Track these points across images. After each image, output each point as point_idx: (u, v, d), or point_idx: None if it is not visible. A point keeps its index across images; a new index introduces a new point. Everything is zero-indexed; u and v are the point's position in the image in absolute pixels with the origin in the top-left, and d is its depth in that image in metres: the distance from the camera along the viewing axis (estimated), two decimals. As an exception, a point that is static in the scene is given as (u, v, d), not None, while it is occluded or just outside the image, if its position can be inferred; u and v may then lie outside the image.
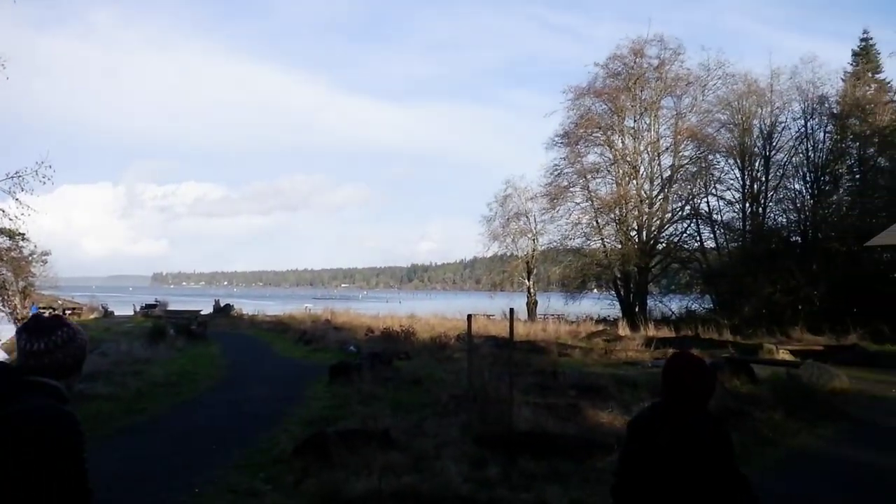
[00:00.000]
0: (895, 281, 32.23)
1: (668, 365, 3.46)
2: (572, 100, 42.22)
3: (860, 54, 41.33)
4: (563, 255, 44.05)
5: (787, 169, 37.40)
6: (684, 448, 3.22)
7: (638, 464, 3.38)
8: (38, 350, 2.63)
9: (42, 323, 2.72)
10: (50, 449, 2.45)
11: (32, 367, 2.61)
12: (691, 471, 3.20)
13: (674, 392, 3.34)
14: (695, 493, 3.19)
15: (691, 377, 3.33)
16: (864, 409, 12.39)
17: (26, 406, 2.49)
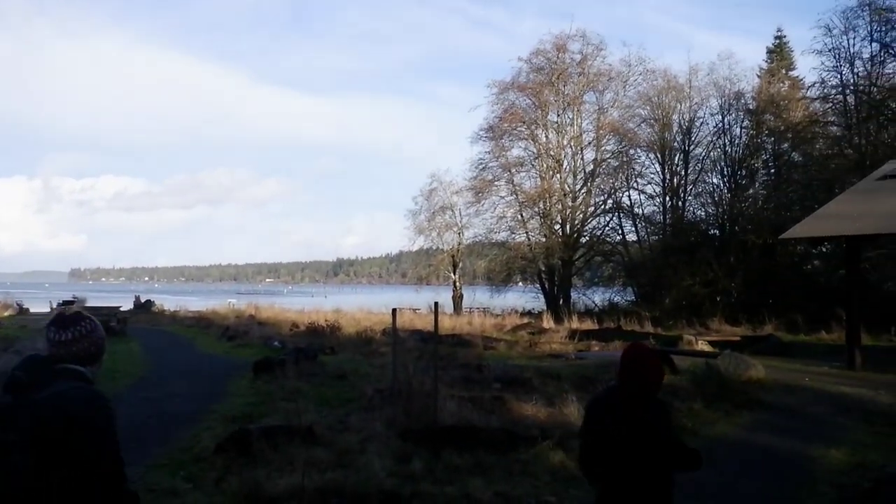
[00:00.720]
0: (808, 273, 33.40)
1: (626, 355, 3.98)
2: (496, 94, 42.52)
3: (774, 52, 42.62)
4: (489, 249, 44.32)
5: (706, 163, 38.38)
6: (641, 426, 3.81)
7: (598, 440, 3.95)
8: (64, 340, 3.02)
9: (66, 317, 3.10)
10: (84, 423, 2.78)
11: (61, 356, 2.99)
12: (647, 443, 3.81)
13: (631, 378, 3.88)
14: (649, 459, 3.81)
15: (646, 365, 3.89)
16: (779, 397, 12.72)
17: (61, 388, 2.83)
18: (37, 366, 2.93)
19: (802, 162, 35.51)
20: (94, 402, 2.88)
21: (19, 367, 2.93)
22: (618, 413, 3.88)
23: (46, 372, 2.90)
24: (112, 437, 2.91)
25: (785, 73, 41.11)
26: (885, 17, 31.11)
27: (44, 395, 2.79)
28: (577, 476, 8.13)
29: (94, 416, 2.85)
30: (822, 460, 9.01)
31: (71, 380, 2.91)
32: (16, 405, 2.79)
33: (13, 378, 2.87)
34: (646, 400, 3.88)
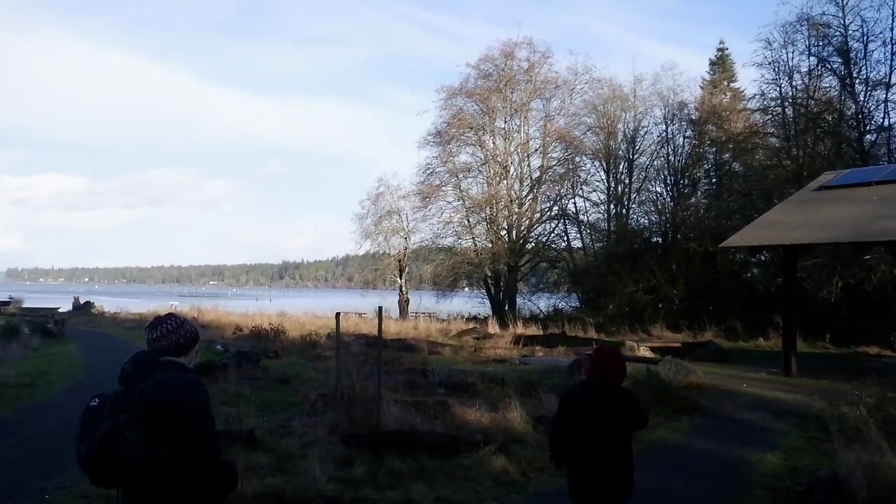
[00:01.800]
0: (748, 281, 34.12)
1: (596, 355, 5.33)
2: (445, 99, 42.64)
3: (717, 63, 43.54)
4: (435, 254, 44.29)
5: (650, 172, 39.01)
6: (612, 409, 5.01)
7: (572, 425, 5.10)
8: (155, 338, 3.61)
9: (156, 319, 3.72)
10: (183, 404, 3.38)
11: (158, 351, 3.58)
12: (615, 423, 5.01)
13: (599, 373, 5.15)
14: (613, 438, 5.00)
15: (612, 362, 5.22)
16: (718, 402, 12.93)
17: (163, 377, 3.44)
18: (142, 360, 3.58)
19: (743, 172, 36.29)
20: (190, 387, 3.50)
21: (129, 361, 3.58)
22: (590, 400, 5.07)
23: (151, 364, 3.54)
24: (207, 416, 3.53)
25: (727, 84, 42.02)
26: (822, 33, 31.98)
27: (150, 383, 3.42)
28: (518, 481, 8.19)
29: (190, 398, 3.46)
30: (758, 464, 9.19)
31: (171, 370, 3.53)
32: (127, 392, 3.41)
33: (123, 371, 3.52)
34: (611, 389, 5.10)
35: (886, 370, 16.25)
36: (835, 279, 26.20)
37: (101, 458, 3.23)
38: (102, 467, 3.25)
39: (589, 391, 5.18)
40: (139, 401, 3.33)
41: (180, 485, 3.38)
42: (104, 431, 3.25)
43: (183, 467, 3.36)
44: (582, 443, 5.02)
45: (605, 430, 4.99)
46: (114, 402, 3.37)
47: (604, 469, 4.99)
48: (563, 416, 5.26)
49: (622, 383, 5.25)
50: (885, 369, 16.41)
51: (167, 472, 3.33)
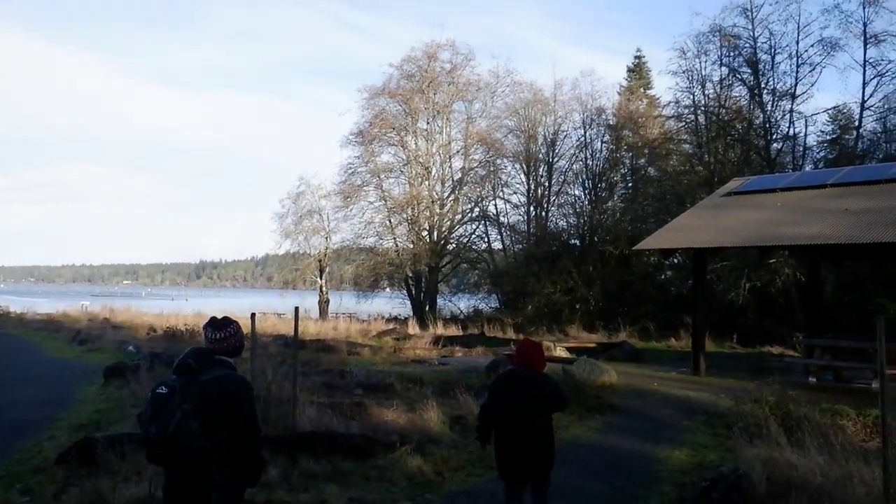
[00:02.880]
0: (661, 283, 35.07)
1: (522, 346, 6.27)
2: (367, 99, 42.50)
3: (634, 71, 44.62)
4: (356, 254, 44.06)
5: (569, 175, 39.74)
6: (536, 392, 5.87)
7: (498, 409, 5.88)
8: (218, 339, 4.30)
9: (220, 321, 4.40)
10: (236, 399, 4.06)
11: (216, 350, 4.28)
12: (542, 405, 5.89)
13: (524, 362, 6.03)
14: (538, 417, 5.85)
15: (535, 352, 6.14)
16: (630, 401, 13.28)
17: (221, 373, 4.12)
18: (200, 356, 4.20)
19: (657, 177, 37.26)
20: (243, 385, 4.25)
21: (189, 356, 4.18)
22: (517, 385, 5.89)
23: (208, 360, 4.17)
24: (253, 411, 4.23)
25: (643, 91, 43.08)
26: (733, 44, 33.14)
27: (208, 378, 4.06)
28: (433, 481, 8.25)
29: (243, 394, 4.15)
30: (666, 461, 9.48)
31: (224, 368, 4.20)
32: (189, 383, 3.98)
33: (186, 364, 4.11)
34: (535, 375, 5.95)
35: (788, 369, 16.95)
36: (742, 282, 27.22)
37: (167, 441, 3.84)
38: (166, 449, 3.86)
39: (515, 377, 5.98)
40: (200, 393, 3.97)
41: (226, 468, 4.04)
42: (175, 419, 3.86)
43: (231, 453, 4.05)
44: (510, 423, 5.83)
45: (530, 412, 5.82)
46: (181, 391, 3.96)
47: (530, 446, 5.82)
48: (492, 400, 6.00)
49: (544, 370, 6.12)
50: (787, 368, 17.11)
51: (217, 457, 3.99)
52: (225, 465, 4.03)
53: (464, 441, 10.03)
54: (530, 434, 5.82)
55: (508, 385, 5.95)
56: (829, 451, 7.38)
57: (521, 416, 5.80)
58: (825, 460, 7.19)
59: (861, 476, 6.72)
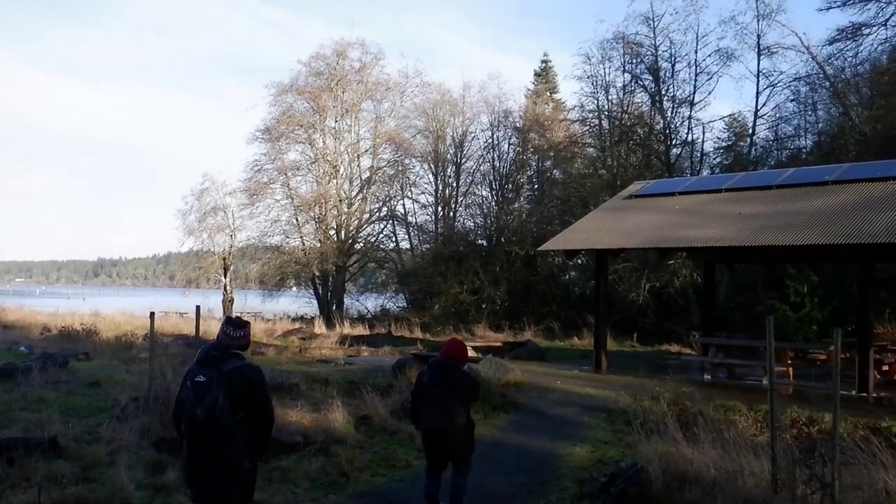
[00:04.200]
0: (565, 284, 35.78)
1: (448, 343, 7.33)
2: (275, 95, 41.80)
3: (541, 75, 45.39)
4: (262, 253, 43.31)
5: (476, 176, 40.17)
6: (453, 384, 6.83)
7: (425, 396, 6.90)
8: (237, 336, 5.14)
9: (239, 321, 5.25)
10: (254, 384, 4.98)
11: (233, 345, 5.10)
12: (457, 391, 6.84)
13: (448, 356, 7.06)
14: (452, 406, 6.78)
15: (458, 347, 7.24)
16: (533, 399, 13.47)
17: (239, 364, 4.97)
18: (222, 349, 5.05)
19: (562, 179, 38.02)
20: (258, 372, 5.13)
21: (212, 350, 5.05)
22: (440, 374, 6.87)
23: (227, 353, 5.03)
24: (267, 394, 5.20)
25: (550, 95, 43.92)
26: (635, 51, 34.11)
27: (231, 367, 4.92)
28: (337, 481, 8.18)
29: (259, 380, 5.08)
30: (568, 457, 9.67)
31: (239, 359, 5.06)
32: (218, 373, 4.87)
33: (212, 357, 4.99)
34: (456, 367, 6.98)
35: (685, 367, 17.57)
36: (643, 282, 28.01)
37: (209, 418, 4.79)
38: (208, 424, 4.80)
39: (438, 365, 6.99)
40: (227, 380, 4.86)
41: (245, 438, 4.93)
42: (216, 400, 4.81)
43: (251, 428, 4.97)
44: (430, 406, 6.82)
45: (448, 396, 6.77)
46: (217, 380, 4.86)
47: (449, 429, 6.78)
48: (417, 385, 7.13)
49: (465, 365, 7.26)
50: (684, 366, 17.72)
51: (242, 430, 4.90)
52: (245, 437, 4.93)
53: (369, 441, 10.00)
54: (447, 416, 6.76)
55: (432, 372, 6.96)
56: (722, 446, 7.64)
57: (437, 398, 6.78)
58: (718, 454, 7.44)
59: (751, 468, 6.99)
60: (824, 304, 21.72)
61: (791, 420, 10.87)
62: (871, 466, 6.91)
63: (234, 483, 4.93)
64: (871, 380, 13.76)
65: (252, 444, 5.01)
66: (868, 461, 7.02)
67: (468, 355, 7.48)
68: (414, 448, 9.94)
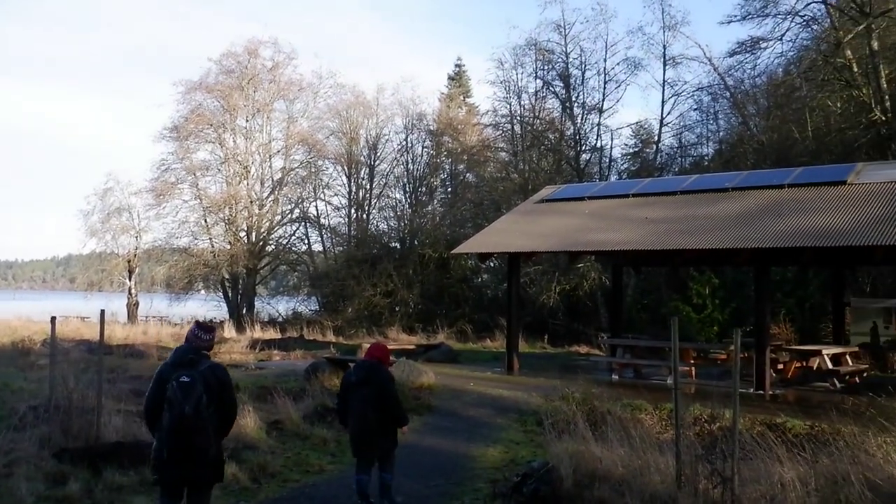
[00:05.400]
0: (478, 286, 36.12)
1: (372, 347, 7.73)
2: (183, 93, 40.79)
3: (454, 79, 45.77)
4: (169, 255, 42.18)
5: (390, 179, 40.19)
6: (377, 383, 7.22)
7: (350, 396, 7.28)
8: (207, 339, 5.79)
9: (208, 326, 5.91)
10: (224, 380, 5.60)
11: (202, 347, 5.70)
12: (380, 394, 7.19)
13: (373, 357, 7.50)
14: (380, 405, 7.17)
15: (382, 349, 7.75)
16: (447, 401, 13.55)
17: (211, 363, 5.61)
18: (194, 352, 5.59)
19: (475, 183, 38.42)
20: (225, 371, 5.72)
21: (187, 353, 5.57)
22: (365, 375, 7.26)
23: (199, 354, 5.60)
24: (233, 389, 5.84)
25: (463, 99, 44.31)
26: (547, 58, 34.78)
27: (205, 367, 5.50)
28: (249, 487, 8.08)
29: (227, 377, 5.67)
30: (481, 458, 9.78)
31: (208, 360, 5.64)
32: (196, 372, 5.42)
33: (189, 359, 5.50)
34: (379, 368, 7.37)
35: (594, 368, 18.01)
36: (553, 285, 28.52)
37: (195, 413, 5.32)
38: (194, 419, 5.32)
39: (364, 365, 7.48)
40: (203, 379, 5.42)
41: (215, 427, 5.49)
42: (197, 398, 5.35)
43: (222, 417, 5.58)
44: (355, 404, 7.21)
45: (372, 394, 7.17)
46: (200, 379, 5.41)
47: (375, 427, 7.17)
48: (344, 384, 7.55)
49: (389, 365, 7.76)
50: (593, 367, 18.17)
51: (213, 421, 5.46)
52: (213, 427, 5.48)
53: (281, 446, 9.88)
54: (374, 414, 7.14)
55: (358, 372, 7.39)
56: (630, 444, 7.85)
57: (364, 396, 7.16)
58: (626, 452, 7.65)
59: (657, 465, 7.22)
60: (725, 306, 22.66)
61: (694, 418, 11.26)
62: (767, 460, 7.24)
63: (207, 467, 5.52)
64: (768, 378, 14.38)
65: (218, 432, 5.61)
66: (765, 455, 7.35)
67: (390, 357, 8.03)
68: (327, 452, 9.90)
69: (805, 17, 26.80)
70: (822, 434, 9.88)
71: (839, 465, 7.03)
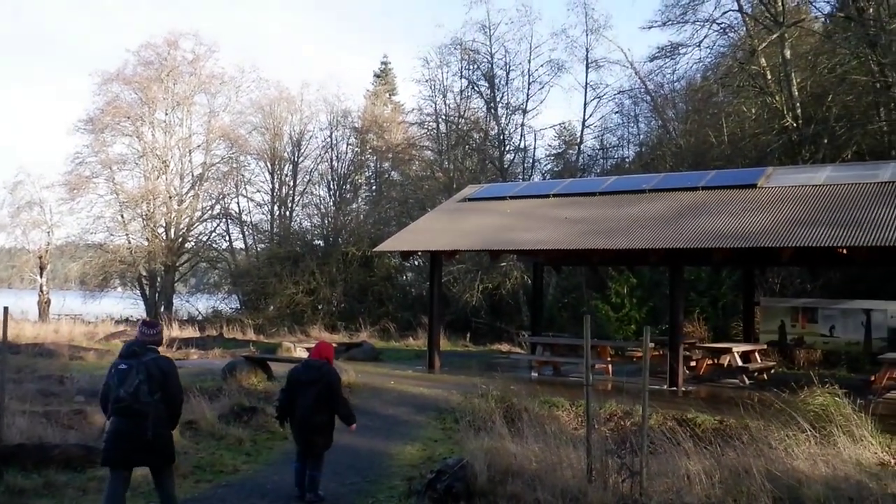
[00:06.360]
0: (402, 285, 36.12)
1: (320, 347, 8.04)
2: (100, 84, 39.55)
3: (380, 76, 45.64)
4: (84, 251, 40.84)
5: (314, 176, 39.86)
6: (326, 383, 7.58)
7: (295, 393, 7.62)
8: (152, 334, 6.42)
9: (152, 322, 6.60)
10: (167, 371, 6.19)
11: (148, 341, 6.34)
12: (328, 393, 7.55)
13: (319, 355, 7.87)
14: (327, 404, 7.57)
15: (326, 348, 8.04)
16: (367, 400, 13.49)
17: (156, 356, 6.24)
18: (140, 345, 6.24)
19: (400, 181, 38.39)
20: (170, 362, 6.31)
21: (133, 346, 6.24)
22: (310, 374, 7.62)
23: (144, 348, 6.23)
24: (178, 380, 6.36)
25: (389, 97, 44.21)
26: (472, 58, 35.00)
27: (148, 359, 6.14)
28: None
29: (171, 368, 6.25)
30: (398, 456, 9.79)
31: (154, 353, 6.27)
32: (137, 363, 6.07)
33: (133, 351, 6.20)
34: (323, 365, 7.72)
35: (515, 366, 18.21)
36: (476, 283, 28.71)
37: (131, 397, 5.96)
38: (130, 403, 5.95)
39: (310, 364, 7.82)
40: (145, 369, 6.06)
41: (161, 414, 6.09)
42: (135, 384, 5.98)
43: (164, 405, 6.12)
44: (301, 401, 7.52)
45: (317, 391, 7.50)
46: (135, 367, 6.05)
47: (316, 425, 7.54)
48: (289, 381, 7.78)
49: (333, 363, 7.96)
50: (514, 365, 18.36)
51: (156, 408, 6.04)
52: (159, 414, 6.07)
53: (195, 447, 9.69)
54: (317, 410, 7.51)
55: (307, 371, 7.70)
56: (545, 440, 7.98)
57: (311, 394, 7.49)
58: (540, 448, 7.76)
59: (570, 460, 7.35)
60: (642, 305, 23.20)
61: (609, 414, 11.53)
62: (676, 454, 7.45)
63: (151, 451, 6.12)
64: (681, 375, 14.77)
65: (167, 417, 6.22)
66: (674, 450, 7.57)
67: (333, 355, 8.22)
68: (242, 452, 9.75)
69: (722, 24, 27.59)
70: (731, 429, 10.23)
71: (743, 458, 7.29)
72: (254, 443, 10.21)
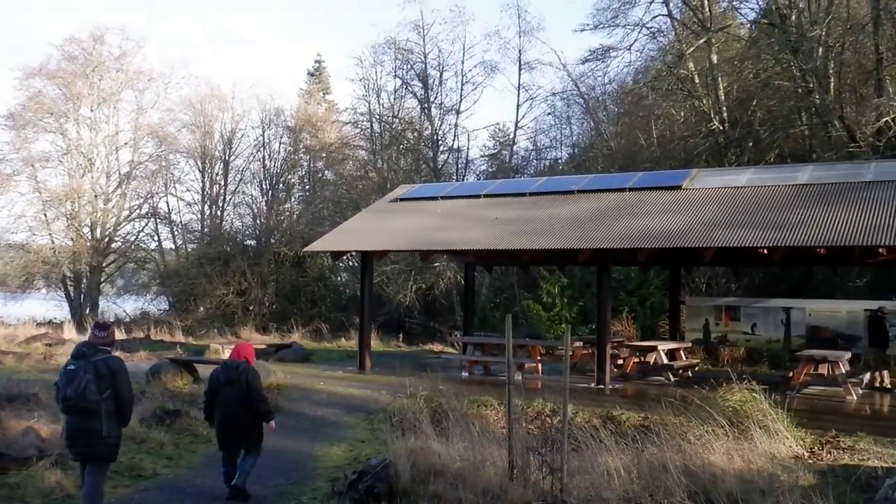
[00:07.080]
0: (335, 286, 35.87)
1: (239, 347, 8.21)
2: (21, 79, 38.14)
3: (314, 75, 45.25)
4: (4, 251, 39.41)
5: (246, 175, 39.20)
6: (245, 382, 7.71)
7: (216, 394, 7.82)
8: (103, 336, 6.63)
9: (103, 324, 6.86)
10: (116, 370, 6.42)
11: (99, 343, 6.56)
12: (247, 392, 7.69)
13: (238, 356, 7.97)
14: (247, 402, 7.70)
15: (247, 348, 8.21)
16: (295, 401, 13.37)
17: (104, 356, 6.46)
18: (90, 346, 6.50)
19: (334, 181, 38.13)
20: (119, 362, 6.55)
21: (83, 347, 6.53)
22: (229, 374, 7.77)
23: (94, 349, 6.47)
24: (128, 379, 6.56)
25: (322, 96, 43.84)
26: (406, 57, 35.01)
27: (98, 359, 6.38)
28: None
29: (120, 368, 6.48)
30: (324, 457, 9.72)
31: (105, 354, 6.49)
32: (86, 363, 6.33)
33: (82, 352, 6.47)
34: (244, 367, 7.81)
35: (446, 365, 18.23)
36: (410, 284, 28.69)
37: (77, 396, 6.20)
38: (77, 401, 6.21)
39: (230, 364, 7.93)
40: (94, 368, 6.28)
41: (112, 412, 6.37)
42: (83, 383, 6.21)
43: (114, 403, 6.36)
44: (223, 399, 7.74)
45: (238, 390, 7.67)
46: (84, 367, 6.29)
47: (242, 421, 7.72)
48: (211, 382, 7.97)
49: (253, 363, 8.07)
50: (446, 365, 18.39)
51: (106, 407, 6.30)
52: (110, 412, 6.34)
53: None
54: (241, 410, 7.66)
55: (227, 371, 7.82)
56: (470, 439, 8.01)
57: (232, 394, 7.67)
58: (465, 447, 7.78)
59: (493, 459, 7.39)
60: (573, 304, 23.49)
61: (536, 412, 11.64)
62: (598, 451, 7.55)
63: (100, 446, 6.38)
64: (608, 373, 15.00)
65: (117, 416, 6.44)
66: (596, 447, 7.67)
67: (255, 356, 8.34)
68: (163, 456, 9.55)
69: (652, 28, 28.16)
70: (653, 425, 10.42)
71: (662, 454, 7.43)
72: (176, 446, 10.01)
